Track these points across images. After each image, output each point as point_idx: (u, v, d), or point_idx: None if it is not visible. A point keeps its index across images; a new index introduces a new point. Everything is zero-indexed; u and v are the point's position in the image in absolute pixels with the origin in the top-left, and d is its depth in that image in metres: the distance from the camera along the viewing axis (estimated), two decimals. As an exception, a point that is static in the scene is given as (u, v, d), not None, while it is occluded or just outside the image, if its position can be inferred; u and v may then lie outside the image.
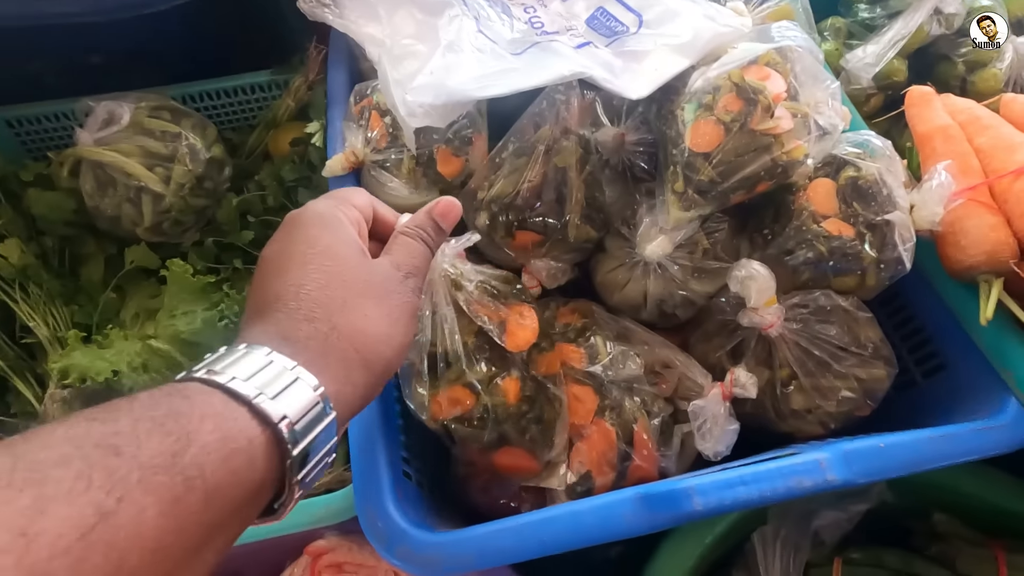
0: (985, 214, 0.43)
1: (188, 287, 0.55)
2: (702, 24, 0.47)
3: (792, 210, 0.47)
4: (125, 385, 0.49)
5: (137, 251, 0.58)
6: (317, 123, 0.58)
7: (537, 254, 0.49)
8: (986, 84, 0.61)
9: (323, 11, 0.55)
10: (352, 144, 0.52)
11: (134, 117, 0.56)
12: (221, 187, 0.61)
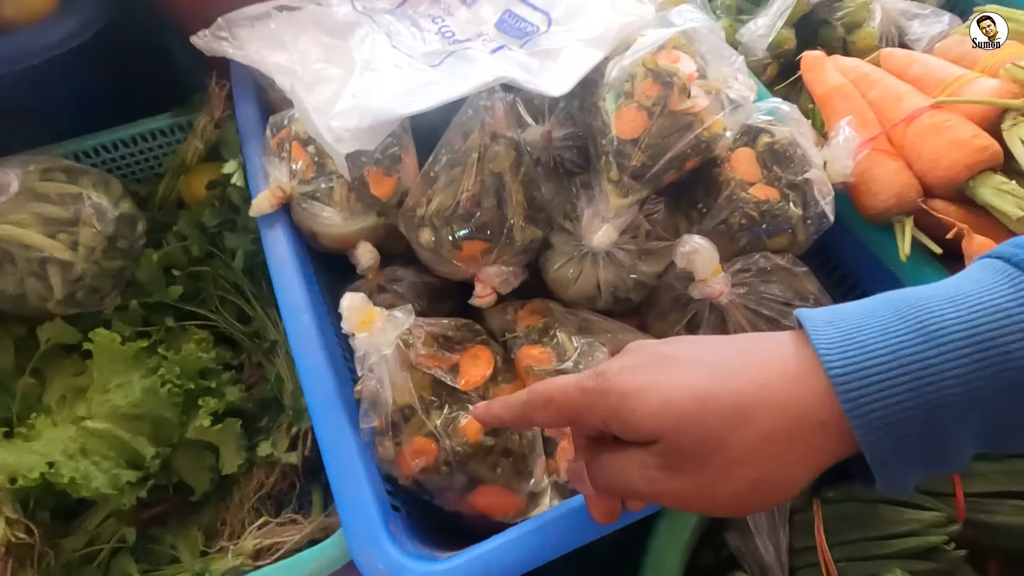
0: (888, 161, 0.47)
1: (119, 357, 0.50)
2: (609, 16, 0.49)
3: (720, 182, 0.49)
4: (64, 476, 0.45)
5: (52, 327, 0.53)
6: (234, 162, 0.55)
7: (486, 261, 0.49)
8: (864, 42, 0.66)
9: (222, 45, 0.52)
10: (277, 179, 0.50)
11: (24, 183, 0.51)
12: (137, 244, 0.57)
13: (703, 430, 0.25)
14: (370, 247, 0.51)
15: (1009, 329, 0.22)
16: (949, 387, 0.22)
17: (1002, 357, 0.21)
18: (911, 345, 0.23)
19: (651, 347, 0.29)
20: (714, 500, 0.26)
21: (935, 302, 0.23)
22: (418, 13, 0.54)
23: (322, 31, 0.52)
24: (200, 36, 0.53)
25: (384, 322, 0.40)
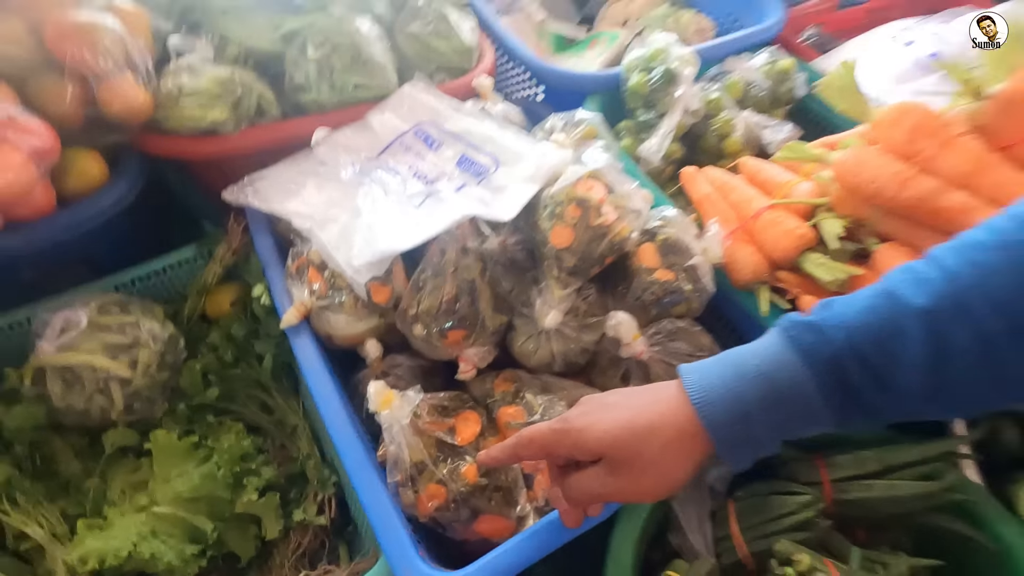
0: (745, 247, 0.66)
1: (176, 452, 0.62)
2: (541, 159, 0.67)
3: (632, 270, 0.67)
4: (145, 554, 0.56)
5: (116, 434, 0.64)
6: (260, 285, 0.69)
7: (466, 345, 0.65)
8: (732, 148, 0.88)
9: (246, 198, 0.68)
10: (299, 298, 0.65)
11: (90, 318, 0.64)
12: (179, 357, 0.69)
13: (629, 446, 0.41)
14: (375, 343, 0.66)
15: (776, 366, 0.39)
16: (750, 404, 0.39)
17: (771, 384, 0.38)
18: (732, 380, 0.40)
19: (596, 398, 0.45)
20: (641, 489, 0.42)
21: (747, 352, 0.41)
22: (397, 161, 0.72)
23: (324, 180, 0.69)
24: (229, 191, 0.69)
25: (400, 401, 0.54)
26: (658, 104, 0.86)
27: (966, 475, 0.61)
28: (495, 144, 0.71)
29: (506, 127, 0.73)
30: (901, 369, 0.36)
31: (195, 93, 0.71)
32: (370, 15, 0.82)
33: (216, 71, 0.72)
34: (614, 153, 0.73)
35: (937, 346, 0.35)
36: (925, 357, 0.35)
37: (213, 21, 0.76)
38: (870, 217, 0.60)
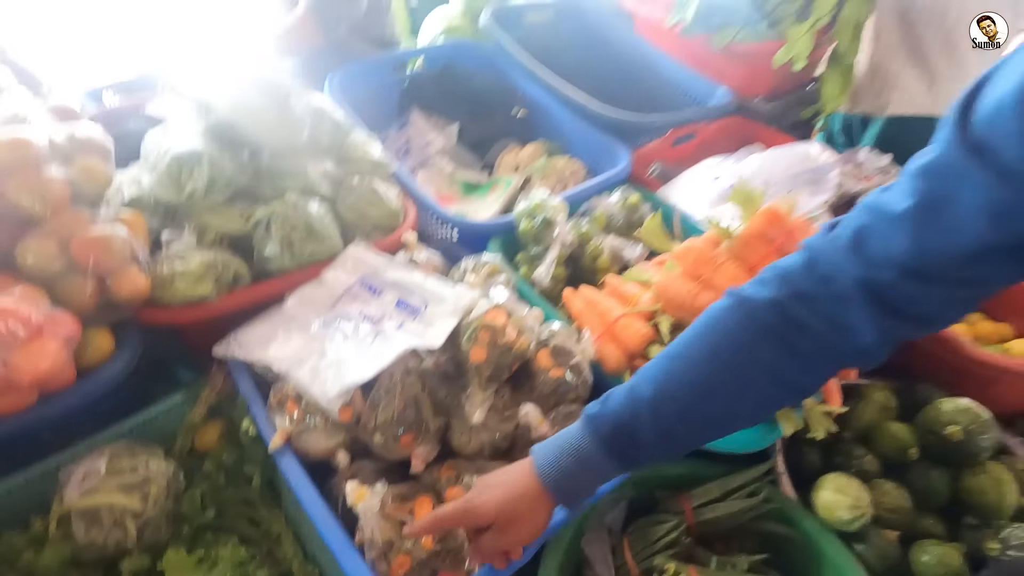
0: (609, 345, 0.92)
1: (186, 567, 0.77)
2: (458, 299, 0.92)
3: (534, 371, 0.91)
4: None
5: (131, 561, 0.77)
6: (247, 420, 0.87)
7: (416, 446, 0.85)
8: (602, 265, 1.17)
9: (232, 351, 0.88)
10: (281, 425, 0.83)
11: (107, 466, 0.80)
12: (180, 487, 0.85)
13: (508, 512, 0.63)
14: (344, 453, 0.85)
15: (581, 442, 0.62)
16: (569, 469, 0.62)
17: (579, 454, 0.62)
18: (557, 455, 0.63)
19: (484, 480, 0.67)
20: (522, 538, 0.64)
21: (567, 434, 0.64)
22: (349, 308, 0.94)
23: (296, 332, 0.90)
24: (218, 347, 0.88)
25: (370, 494, 0.73)
26: (543, 240, 1.15)
27: (781, 489, 0.86)
28: (423, 289, 0.95)
29: (430, 275, 0.99)
30: (644, 436, 0.59)
31: (185, 274, 0.91)
32: (318, 197, 1.07)
33: (201, 255, 0.94)
34: (512, 283, 1.00)
35: (657, 424, 0.59)
36: (655, 431, 0.59)
37: (194, 216, 0.99)
38: (686, 317, 0.89)
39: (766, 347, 0.56)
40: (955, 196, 0.46)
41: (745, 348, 0.57)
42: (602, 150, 1.49)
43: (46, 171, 0.82)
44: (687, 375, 0.58)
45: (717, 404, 0.58)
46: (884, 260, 0.51)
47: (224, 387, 0.95)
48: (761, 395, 0.59)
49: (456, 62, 1.71)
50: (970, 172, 0.45)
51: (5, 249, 0.82)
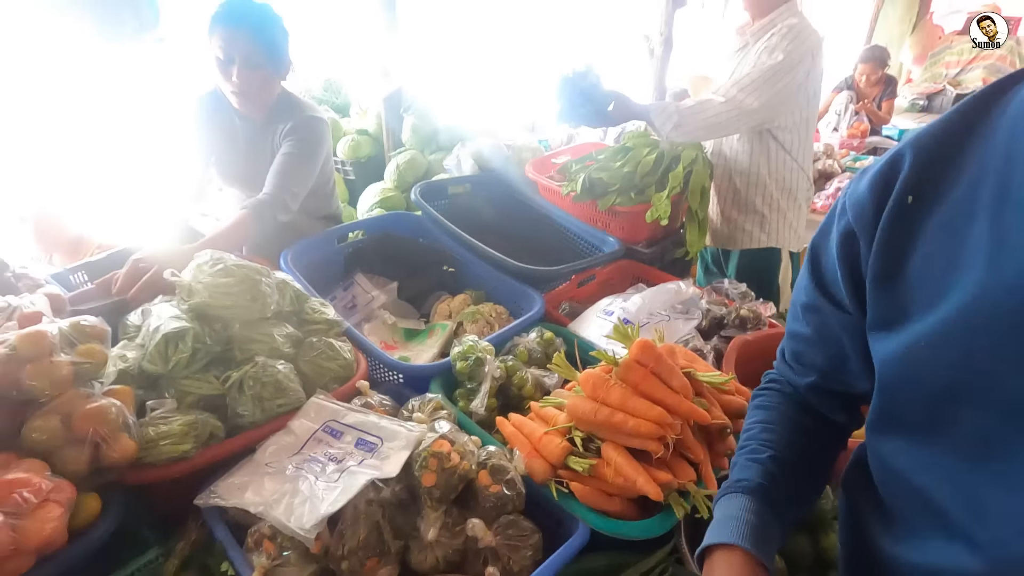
0: (536, 460, 1.13)
1: None
2: (409, 434, 1.11)
3: (477, 488, 1.09)
4: None
5: None
6: (226, 562, 0.98)
7: (379, 568, 0.99)
8: (527, 393, 1.40)
9: (214, 500, 1.01)
10: (259, 563, 0.95)
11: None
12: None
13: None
14: (317, 584, 0.96)
15: (744, 503, 0.86)
16: (751, 525, 0.81)
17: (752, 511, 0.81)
18: (736, 520, 0.83)
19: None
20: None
21: (734, 501, 0.83)
22: (315, 452, 1.11)
23: (269, 478, 1.04)
24: (200, 497, 1.01)
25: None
26: (476, 377, 1.38)
27: (685, 565, 1.05)
28: (378, 428, 1.14)
29: (383, 417, 1.18)
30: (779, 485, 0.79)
31: (169, 436, 1.06)
32: (282, 358, 1.27)
33: (182, 416, 1.09)
34: (453, 415, 1.21)
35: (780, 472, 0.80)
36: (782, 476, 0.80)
37: (175, 383, 1.15)
38: (592, 431, 1.12)
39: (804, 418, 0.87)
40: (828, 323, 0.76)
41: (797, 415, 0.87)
42: (519, 295, 1.80)
43: (55, 357, 0.99)
44: (784, 452, 0.82)
45: (806, 461, 0.83)
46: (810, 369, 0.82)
47: (197, 538, 1.06)
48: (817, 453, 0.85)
49: (392, 230, 2.04)
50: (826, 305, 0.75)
51: (10, 427, 0.95)
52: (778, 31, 1.87)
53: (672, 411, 1.07)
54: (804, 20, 1.89)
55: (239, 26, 1.66)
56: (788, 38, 1.84)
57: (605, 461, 1.10)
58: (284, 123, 1.84)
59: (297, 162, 1.81)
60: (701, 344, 1.55)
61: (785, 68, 1.82)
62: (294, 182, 1.78)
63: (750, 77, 1.85)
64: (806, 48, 1.83)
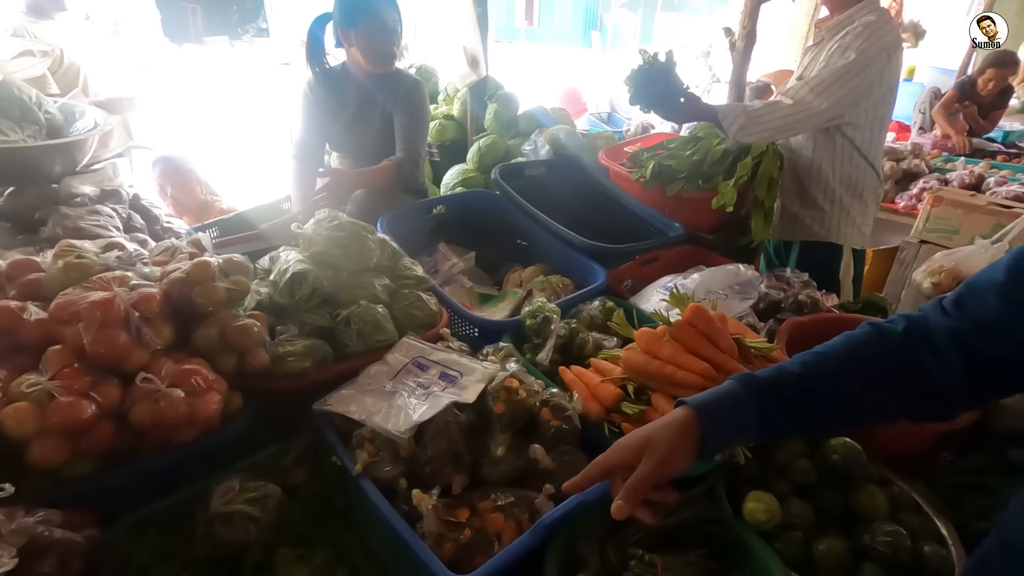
0: (592, 402, 1.29)
1: (289, 561, 1.07)
2: (485, 370, 1.30)
3: (540, 422, 1.27)
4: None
5: (254, 554, 1.07)
6: (335, 456, 1.21)
7: (454, 474, 1.18)
8: (588, 353, 1.56)
9: (327, 407, 1.25)
10: (361, 458, 1.17)
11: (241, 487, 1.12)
12: (284, 505, 1.16)
13: (653, 438, 0.85)
14: (403, 479, 1.17)
15: (729, 391, 0.90)
16: (718, 406, 0.86)
17: (730, 399, 0.91)
18: (714, 396, 0.88)
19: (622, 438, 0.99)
20: (669, 466, 0.81)
21: (726, 384, 0.97)
22: (407, 379, 1.32)
23: (369, 394, 1.27)
24: (317, 404, 1.25)
25: (427, 498, 1.06)
26: (543, 334, 1.56)
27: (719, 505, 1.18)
28: (459, 364, 1.34)
29: (463, 355, 1.38)
30: (788, 391, 0.79)
31: (293, 354, 1.31)
32: (380, 304, 1.50)
33: (303, 342, 1.34)
34: (521, 363, 1.39)
35: (800, 383, 0.80)
36: (798, 388, 0.79)
37: (298, 315, 1.40)
38: (644, 381, 1.27)
39: (889, 358, 0.79)
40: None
41: (874, 354, 0.80)
42: (585, 270, 1.96)
43: (216, 283, 1.25)
44: (828, 364, 0.81)
45: (849, 385, 0.80)
46: (974, 316, 0.72)
47: (309, 439, 1.30)
48: (877, 394, 0.79)
49: (472, 206, 2.24)
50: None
51: (183, 334, 1.22)
52: (853, 29, 1.90)
53: (718, 367, 1.20)
54: (883, 16, 1.91)
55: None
56: (863, 36, 1.86)
57: (654, 408, 1.24)
58: (395, 89, 2.11)
59: (417, 124, 2.13)
60: (755, 322, 1.65)
61: (856, 68, 1.85)
62: (419, 144, 2.11)
63: (819, 78, 1.89)
64: (881, 46, 1.85)
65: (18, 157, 1.63)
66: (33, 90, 1.80)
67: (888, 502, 1.19)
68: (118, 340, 1.07)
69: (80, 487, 1.05)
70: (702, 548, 1.12)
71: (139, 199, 2.01)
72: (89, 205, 1.73)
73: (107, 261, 1.21)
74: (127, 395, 1.08)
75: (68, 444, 1.01)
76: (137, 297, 1.13)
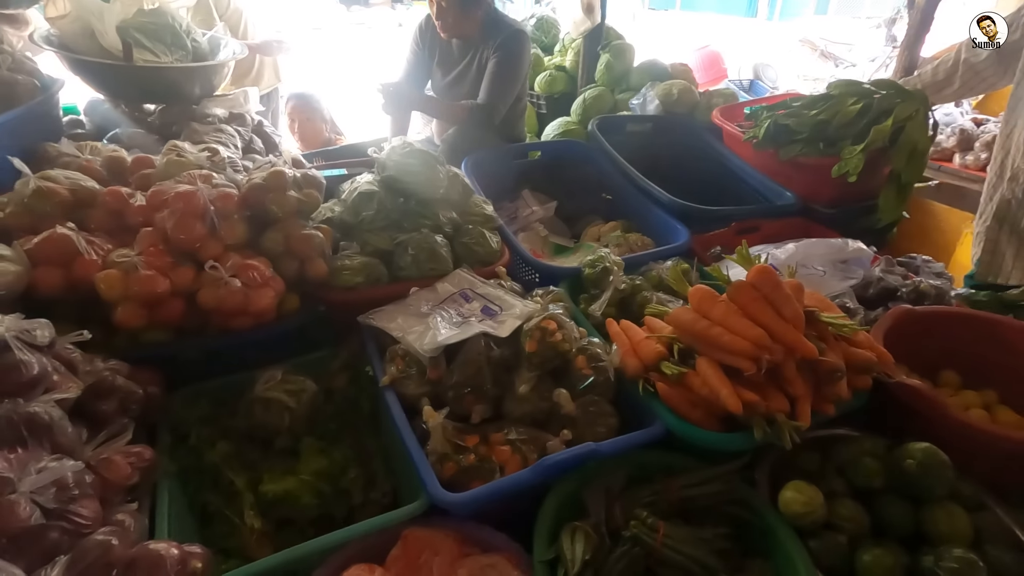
0: (632, 358, 1.20)
1: (313, 451, 1.15)
2: (523, 307, 1.27)
3: (573, 369, 1.21)
4: (293, 494, 1.06)
5: (283, 439, 1.17)
6: (369, 367, 1.27)
7: (476, 403, 1.18)
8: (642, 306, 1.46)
9: (370, 320, 1.30)
10: (390, 372, 1.21)
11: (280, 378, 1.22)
12: (319, 402, 1.25)
13: None
14: (427, 400, 1.19)
15: None
16: None
17: None
18: None
19: None
20: None
21: None
22: (448, 306, 1.33)
23: (410, 315, 1.30)
24: (362, 317, 1.31)
25: (437, 416, 1.07)
26: (601, 285, 1.48)
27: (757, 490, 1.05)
28: (502, 300, 1.32)
29: (508, 292, 1.36)
30: None
31: (349, 268, 1.38)
32: (442, 234, 1.52)
33: (361, 258, 1.40)
34: (570, 310, 1.34)
35: None
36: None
37: (361, 234, 1.47)
38: (690, 342, 1.16)
39: None
40: None
41: None
42: (669, 230, 1.82)
43: (288, 192, 1.34)
44: None
45: None
46: None
47: (355, 348, 1.37)
48: None
49: (564, 155, 2.18)
50: None
51: (254, 237, 1.33)
52: None
53: (776, 337, 1.06)
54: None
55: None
56: None
57: (696, 372, 1.13)
58: (493, 39, 2.09)
59: (503, 75, 2.09)
60: (853, 305, 1.42)
61: None
62: (501, 94, 2.08)
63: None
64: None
65: (164, 77, 1.87)
66: (185, 20, 2.05)
67: (973, 528, 0.98)
68: (195, 229, 1.19)
69: (153, 351, 1.21)
70: (722, 528, 1.01)
71: (263, 126, 2.22)
72: (216, 124, 1.95)
73: (201, 161, 1.35)
74: (198, 280, 1.21)
75: (146, 312, 1.16)
76: (216, 195, 1.25)
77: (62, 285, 1.13)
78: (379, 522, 0.99)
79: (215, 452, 1.13)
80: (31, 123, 1.60)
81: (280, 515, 1.09)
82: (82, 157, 1.43)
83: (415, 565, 0.97)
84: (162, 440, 1.12)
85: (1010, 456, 1.11)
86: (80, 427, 0.95)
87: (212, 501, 1.08)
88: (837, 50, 8.99)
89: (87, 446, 0.94)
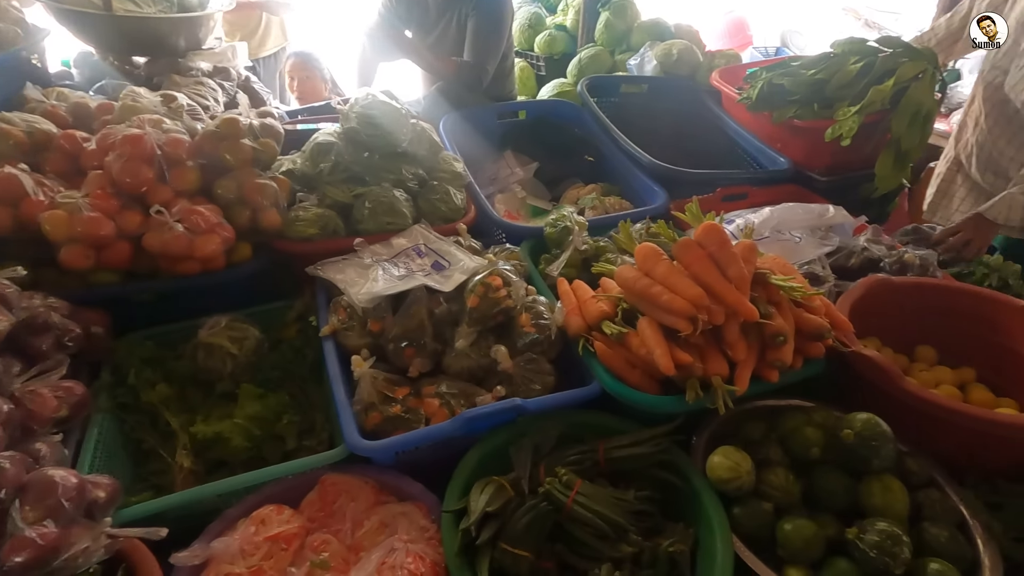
0: (576, 317, 1.17)
1: (251, 397, 1.16)
2: (470, 262, 1.24)
3: (516, 327, 1.19)
4: (226, 437, 1.07)
5: (223, 384, 1.18)
6: (313, 317, 1.27)
7: (415, 357, 1.17)
8: (605, 267, 1.41)
9: (317, 271, 1.29)
10: (331, 322, 1.21)
11: (223, 324, 1.23)
12: (263, 350, 1.25)
13: None
14: (367, 351, 1.18)
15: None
16: None
17: None
18: None
19: None
20: None
21: None
22: (399, 260, 1.31)
23: (356, 267, 1.29)
24: (310, 268, 1.30)
25: (364, 365, 1.06)
26: (562, 244, 1.44)
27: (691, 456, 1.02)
28: (451, 255, 1.30)
29: (461, 250, 1.33)
30: None
31: (303, 220, 1.36)
32: (403, 189, 1.49)
33: (316, 210, 1.39)
34: (525, 268, 1.30)
35: None
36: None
37: (319, 186, 1.45)
38: (633, 301, 1.11)
39: None
40: None
41: None
42: (648, 193, 1.75)
43: (243, 140, 1.33)
44: None
45: None
46: None
47: (308, 300, 1.37)
48: None
49: (551, 115, 2.11)
50: None
51: (208, 185, 1.33)
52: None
53: (717, 297, 1.01)
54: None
55: None
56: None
57: (635, 332, 1.09)
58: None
59: (486, 33, 2.01)
60: (822, 272, 1.35)
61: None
62: (487, 56, 2.01)
63: None
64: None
65: (145, 27, 1.87)
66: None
67: (912, 504, 0.93)
68: (141, 173, 1.20)
69: (101, 293, 1.23)
70: (645, 491, 0.98)
71: (250, 81, 2.21)
72: (197, 77, 1.94)
73: (156, 107, 1.35)
74: (145, 224, 1.21)
75: (93, 253, 1.18)
76: (166, 140, 1.24)
77: (10, 225, 1.15)
78: (296, 466, 0.99)
79: (154, 393, 1.14)
80: (11, 70, 1.62)
81: (214, 456, 1.10)
82: (47, 102, 1.44)
83: (330, 510, 0.97)
84: (103, 378, 1.14)
85: (974, 434, 1.04)
86: (12, 360, 0.98)
87: (147, 440, 1.10)
88: (883, 19, 8.49)
89: (18, 379, 0.96)
